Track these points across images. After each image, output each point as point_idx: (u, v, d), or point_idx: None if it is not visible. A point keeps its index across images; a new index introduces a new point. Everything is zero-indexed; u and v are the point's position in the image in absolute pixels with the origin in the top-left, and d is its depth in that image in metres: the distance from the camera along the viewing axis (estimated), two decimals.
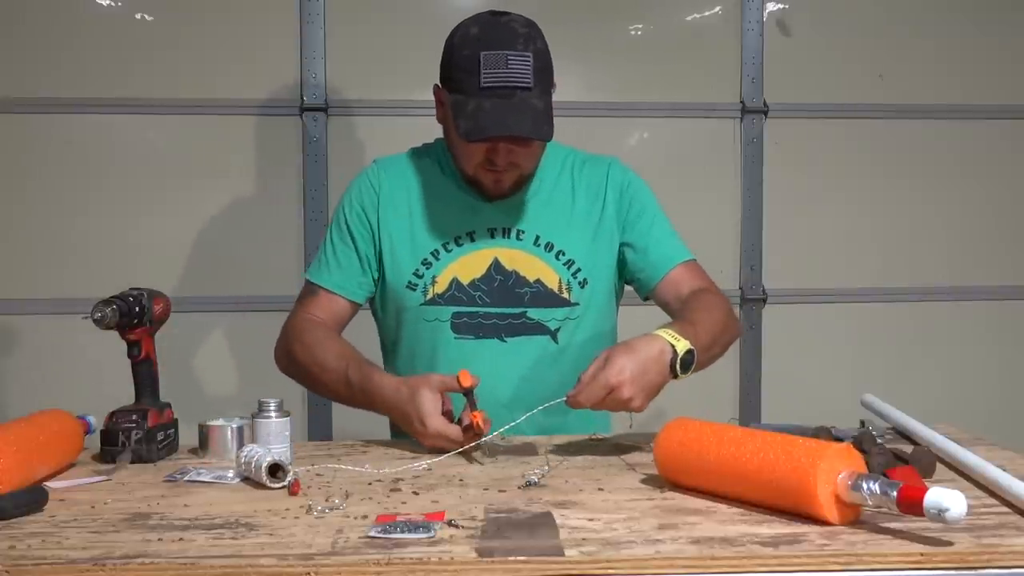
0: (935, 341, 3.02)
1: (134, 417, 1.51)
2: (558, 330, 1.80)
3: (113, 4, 2.76)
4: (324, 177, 2.79)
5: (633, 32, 2.91)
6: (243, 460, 1.38)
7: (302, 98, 2.78)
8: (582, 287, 1.80)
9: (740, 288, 2.94)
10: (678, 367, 1.48)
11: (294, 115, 2.79)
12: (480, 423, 1.50)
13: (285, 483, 1.33)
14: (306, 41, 2.79)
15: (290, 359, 1.78)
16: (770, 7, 2.92)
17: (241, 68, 2.78)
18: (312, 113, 2.79)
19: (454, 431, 1.52)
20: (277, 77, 2.79)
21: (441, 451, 1.51)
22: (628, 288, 1.91)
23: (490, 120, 1.63)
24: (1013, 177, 3.03)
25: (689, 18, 2.92)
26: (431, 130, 1.88)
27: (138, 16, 2.76)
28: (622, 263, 1.85)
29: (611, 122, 2.90)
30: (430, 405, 1.54)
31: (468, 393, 1.53)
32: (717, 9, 2.92)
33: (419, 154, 1.88)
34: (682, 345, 1.49)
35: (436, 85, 1.77)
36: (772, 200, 2.94)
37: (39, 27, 2.72)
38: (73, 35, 2.74)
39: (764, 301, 2.95)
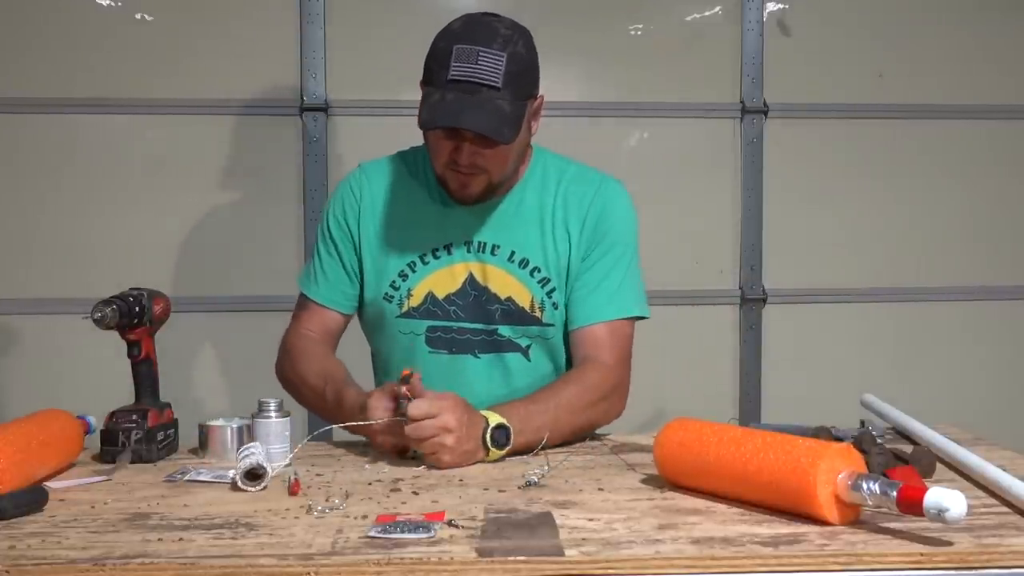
0: (935, 341, 3.01)
1: (134, 417, 1.51)
2: (529, 347, 1.76)
3: (113, 4, 2.75)
4: (324, 177, 2.78)
5: (633, 32, 2.90)
6: (240, 461, 1.38)
7: (302, 98, 2.78)
8: (556, 308, 1.75)
9: (740, 288, 2.94)
10: (490, 444, 1.48)
11: (294, 115, 2.79)
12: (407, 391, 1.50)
13: (262, 486, 1.32)
14: (306, 41, 2.78)
15: (284, 376, 1.79)
16: (770, 7, 2.92)
17: (241, 68, 2.78)
18: (312, 113, 2.78)
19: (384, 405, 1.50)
20: (277, 77, 2.79)
21: (396, 454, 1.51)
22: None
23: (446, 111, 1.58)
24: (1012, 177, 3.02)
25: (689, 18, 2.92)
26: None
27: (138, 16, 2.76)
28: (570, 287, 1.77)
29: (611, 122, 2.89)
30: (375, 401, 1.51)
31: (403, 381, 1.50)
32: (717, 9, 2.91)
33: (404, 159, 1.83)
34: (496, 422, 1.48)
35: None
36: (772, 200, 2.93)
37: (39, 27, 2.72)
38: (73, 35, 2.73)
39: (764, 301, 2.94)
